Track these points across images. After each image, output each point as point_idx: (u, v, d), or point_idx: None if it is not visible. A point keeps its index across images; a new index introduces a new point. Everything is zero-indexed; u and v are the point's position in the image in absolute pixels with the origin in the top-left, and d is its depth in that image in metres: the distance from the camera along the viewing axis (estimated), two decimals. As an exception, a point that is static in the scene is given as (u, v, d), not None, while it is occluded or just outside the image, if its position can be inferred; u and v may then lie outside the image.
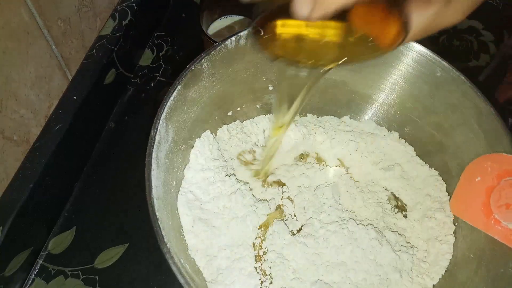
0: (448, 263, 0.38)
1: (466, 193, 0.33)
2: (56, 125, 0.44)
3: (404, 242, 0.39)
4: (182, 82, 0.36)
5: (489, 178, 0.31)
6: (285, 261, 0.37)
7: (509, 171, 0.30)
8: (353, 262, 0.37)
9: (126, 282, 0.42)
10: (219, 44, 0.37)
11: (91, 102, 0.48)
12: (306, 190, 0.42)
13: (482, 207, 0.31)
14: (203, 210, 0.39)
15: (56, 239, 0.45)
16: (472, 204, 0.32)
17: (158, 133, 0.34)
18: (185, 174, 0.39)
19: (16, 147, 0.41)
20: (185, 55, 0.58)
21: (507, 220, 0.30)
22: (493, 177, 0.31)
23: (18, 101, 0.39)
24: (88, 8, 0.48)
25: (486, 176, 0.31)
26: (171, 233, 0.33)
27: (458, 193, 0.34)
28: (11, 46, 0.37)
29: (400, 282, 0.37)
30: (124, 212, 0.46)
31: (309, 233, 0.39)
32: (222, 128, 0.44)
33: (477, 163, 0.33)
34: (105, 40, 0.50)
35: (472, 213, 0.32)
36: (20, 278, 0.42)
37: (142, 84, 0.55)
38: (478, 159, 0.33)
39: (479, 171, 0.32)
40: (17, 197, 0.40)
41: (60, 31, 0.44)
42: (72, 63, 0.47)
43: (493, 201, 0.30)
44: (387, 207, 0.42)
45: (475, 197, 0.32)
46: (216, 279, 0.36)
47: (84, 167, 0.49)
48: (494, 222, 0.31)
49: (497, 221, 0.31)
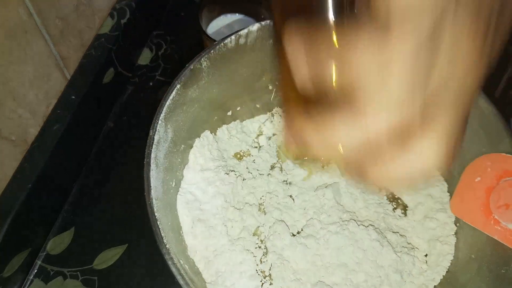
0: (449, 264, 0.38)
1: (466, 193, 0.33)
2: (54, 125, 0.44)
3: (405, 243, 0.39)
4: (182, 82, 0.35)
5: (488, 179, 0.31)
6: (285, 262, 0.37)
7: (508, 171, 0.30)
8: (354, 263, 0.37)
9: (125, 283, 0.42)
10: (218, 43, 0.37)
11: (90, 101, 0.47)
12: (307, 190, 0.42)
13: (482, 207, 0.31)
14: (203, 211, 0.38)
15: (55, 240, 0.44)
16: (472, 205, 0.32)
17: (157, 133, 0.34)
18: (185, 174, 0.39)
19: (14, 147, 0.40)
20: (184, 54, 0.57)
21: (506, 220, 0.30)
22: (493, 177, 0.31)
23: (16, 100, 0.39)
24: (86, 7, 0.48)
25: (486, 177, 0.31)
26: (170, 234, 0.33)
27: (458, 193, 0.34)
28: (9, 45, 0.37)
29: (401, 283, 0.37)
30: (123, 213, 0.46)
31: (309, 234, 0.39)
32: (221, 128, 0.44)
33: (477, 163, 0.33)
34: (103, 39, 0.50)
35: (472, 213, 0.32)
36: (19, 279, 0.42)
37: (141, 83, 0.55)
38: (478, 159, 0.33)
39: (479, 171, 0.32)
40: (16, 197, 0.40)
41: (58, 30, 0.43)
42: (70, 62, 0.47)
43: (492, 202, 0.30)
44: (388, 208, 0.42)
45: (475, 197, 0.32)
46: (216, 281, 0.35)
47: (82, 167, 0.49)
48: (493, 222, 0.31)
49: (497, 221, 0.30)
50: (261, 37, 0.38)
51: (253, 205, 0.40)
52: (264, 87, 0.44)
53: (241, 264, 0.37)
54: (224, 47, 0.37)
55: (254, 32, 0.38)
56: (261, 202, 0.41)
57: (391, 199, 0.43)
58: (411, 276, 0.38)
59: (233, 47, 0.38)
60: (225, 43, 0.37)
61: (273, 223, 0.39)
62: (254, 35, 0.38)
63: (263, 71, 0.42)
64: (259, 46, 0.39)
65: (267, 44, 0.39)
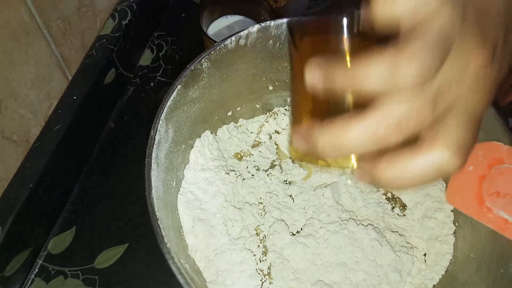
0: (448, 263, 0.38)
1: (460, 183, 0.33)
2: (56, 125, 0.44)
3: (404, 242, 0.39)
4: (182, 82, 0.36)
5: (480, 167, 0.31)
6: (285, 261, 0.37)
7: (499, 159, 0.30)
8: (353, 262, 0.37)
9: (126, 282, 0.42)
10: (219, 44, 0.37)
11: (91, 102, 0.48)
12: (306, 190, 0.42)
13: (475, 196, 0.31)
14: (203, 210, 0.39)
15: (56, 239, 0.44)
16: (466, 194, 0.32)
17: (158, 133, 0.34)
18: (185, 174, 0.39)
19: (16, 147, 0.41)
20: (185, 55, 0.58)
21: (498, 207, 0.30)
22: (485, 165, 0.31)
23: (18, 101, 0.39)
24: (87, 8, 0.48)
25: (478, 165, 0.31)
26: (171, 233, 0.33)
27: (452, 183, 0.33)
28: (11, 46, 0.37)
29: (400, 282, 0.37)
30: (124, 212, 0.46)
31: (309, 233, 0.39)
32: (222, 128, 0.44)
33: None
34: (105, 40, 0.50)
35: (466, 202, 0.32)
36: (20, 278, 0.42)
37: (142, 84, 0.55)
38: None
39: (471, 160, 0.32)
40: (17, 197, 0.40)
41: (60, 31, 0.44)
42: (72, 63, 0.47)
43: (484, 190, 0.30)
44: (387, 207, 0.42)
45: (468, 186, 0.32)
46: (216, 280, 0.36)
47: (84, 167, 0.49)
48: (486, 210, 0.31)
49: (489, 209, 0.30)
50: (261, 38, 0.38)
51: (253, 205, 0.41)
52: (264, 87, 0.44)
53: (241, 263, 0.37)
54: (224, 48, 0.37)
55: (254, 33, 0.38)
56: (261, 201, 0.42)
57: (390, 198, 0.43)
58: (410, 275, 0.38)
59: (233, 48, 0.38)
60: (226, 44, 0.37)
61: (273, 222, 0.40)
62: (254, 36, 0.38)
63: (263, 71, 0.42)
64: (259, 47, 0.39)
65: (267, 45, 0.39)
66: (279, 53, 0.41)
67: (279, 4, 0.53)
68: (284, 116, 0.46)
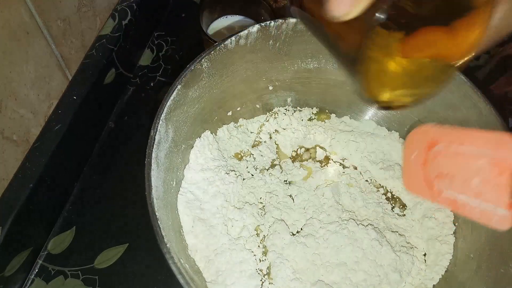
0: (448, 263, 0.38)
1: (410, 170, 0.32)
2: (56, 125, 0.44)
3: (404, 242, 0.39)
4: (182, 82, 0.36)
5: (421, 152, 0.31)
6: (285, 261, 0.37)
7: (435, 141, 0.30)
8: (353, 262, 0.37)
9: (126, 282, 0.42)
10: (219, 44, 0.37)
11: (91, 102, 0.48)
12: (306, 190, 0.42)
13: (425, 180, 0.31)
14: (203, 210, 0.39)
15: (56, 239, 0.44)
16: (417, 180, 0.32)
17: (158, 133, 0.34)
18: (185, 174, 0.39)
19: (16, 147, 0.41)
20: (185, 55, 0.58)
21: (445, 188, 0.29)
22: (425, 150, 0.31)
23: (18, 101, 0.39)
24: (87, 8, 0.48)
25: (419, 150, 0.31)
26: (171, 233, 0.33)
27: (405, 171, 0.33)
28: (11, 46, 0.37)
29: (400, 282, 0.37)
30: (124, 212, 0.46)
31: (309, 233, 0.39)
32: (222, 128, 0.44)
33: (409, 139, 0.32)
34: (105, 40, 0.50)
35: (420, 188, 0.32)
36: (20, 278, 0.42)
37: (142, 84, 0.55)
38: (409, 135, 0.32)
39: (413, 146, 0.32)
40: (17, 197, 0.40)
41: (60, 31, 0.44)
42: (72, 63, 0.47)
43: (430, 173, 0.30)
44: (387, 207, 0.42)
45: (417, 172, 0.31)
46: (216, 280, 0.36)
47: (84, 167, 0.49)
48: (437, 193, 0.30)
49: (439, 191, 0.30)
50: (261, 38, 0.38)
51: (253, 205, 0.41)
52: (264, 87, 0.44)
53: (241, 263, 0.37)
54: (224, 48, 0.37)
55: (254, 33, 0.38)
56: (261, 201, 0.42)
57: (390, 198, 0.43)
58: (410, 275, 0.38)
59: (233, 48, 0.38)
60: (225, 44, 0.37)
61: (273, 222, 0.40)
62: (254, 36, 0.38)
63: (263, 71, 0.42)
64: (259, 47, 0.39)
65: (267, 45, 0.39)
66: (279, 53, 0.41)
67: (279, 4, 0.53)
68: (284, 116, 0.46)
